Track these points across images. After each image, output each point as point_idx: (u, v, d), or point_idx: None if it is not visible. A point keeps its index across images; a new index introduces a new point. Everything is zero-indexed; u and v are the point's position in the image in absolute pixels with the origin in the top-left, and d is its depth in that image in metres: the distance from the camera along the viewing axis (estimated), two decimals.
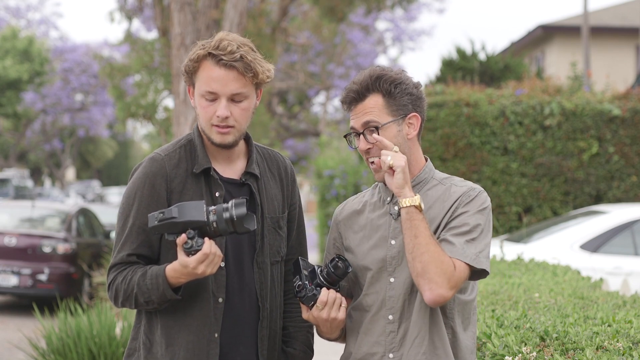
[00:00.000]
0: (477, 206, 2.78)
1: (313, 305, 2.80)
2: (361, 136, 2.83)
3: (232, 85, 2.83)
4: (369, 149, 2.82)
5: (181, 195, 2.85)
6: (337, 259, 2.80)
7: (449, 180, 2.87)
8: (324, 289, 2.80)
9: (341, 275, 2.80)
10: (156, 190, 2.85)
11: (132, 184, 2.89)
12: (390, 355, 2.79)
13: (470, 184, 2.85)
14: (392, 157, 2.74)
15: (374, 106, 2.81)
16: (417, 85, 2.86)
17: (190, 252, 2.67)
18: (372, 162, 2.83)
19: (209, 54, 2.83)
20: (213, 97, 2.84)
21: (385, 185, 2.86)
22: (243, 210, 2.67)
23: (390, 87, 2.81)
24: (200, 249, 2.67)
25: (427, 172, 2.88)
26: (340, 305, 2.81)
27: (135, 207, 2.85)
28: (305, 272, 2.83)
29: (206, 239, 2.68)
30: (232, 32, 2.95)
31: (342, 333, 2.91)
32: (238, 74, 2.83)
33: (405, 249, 2.73)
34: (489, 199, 2.83)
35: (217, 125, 2.85)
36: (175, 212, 2.67)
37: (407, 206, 2.71)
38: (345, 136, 2.93)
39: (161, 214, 2.68)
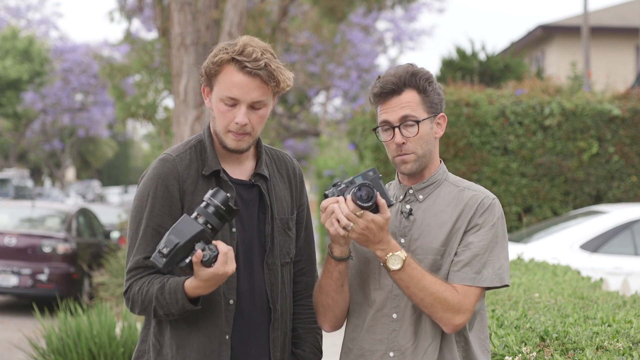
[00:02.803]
0: (492, 218, 2.79)
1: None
2: (396, 130, 2.82)
3: (254, 93, 2.80)
4: (404, 143, 2.83)
5: (193, 196, 2.82)
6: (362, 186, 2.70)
7: (462, 182, 2.89)
8: (332, 198, 2.73)
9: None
10: (169, 190, 2.82)
11: (144, 185, 2.85)
12: (391, 354, 2.79)
13: (483, 190, 2.86)
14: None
15: (410, 101, 2.82)
16: (440, 86, 2.91)
17: (210, 262, 2.63)
18: (402, 155, 2.83)
19: (233, 59, 2.79)
20: (233, 102, 2.81)
21: (400, 182, 2.90)
22: (222, 194, 2.64)
23: (425, 84, 2.83)
24: (218, 253, 2.64)
25: (440, 174, 2.89)
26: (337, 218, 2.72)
27: (148, 208, 2.81)
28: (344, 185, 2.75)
29: (214, 242, 2.66)
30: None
31: (345, 257, 2.83)
32: (261, 82, 2.80)
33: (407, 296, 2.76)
34: (501, 207, 2.85)
35: (233, 132, 2.83)
36: (175, 239, 2.61)
37: (396, 269, 2.70)
38: (374, 129, 2.91)
39: (164, 248, 2.61)
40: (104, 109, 42.28)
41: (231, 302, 2.83)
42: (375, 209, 2.67)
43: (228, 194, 2.67)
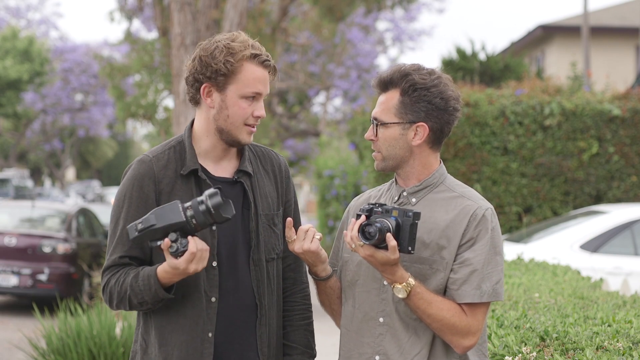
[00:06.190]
0: (486, 230, 2.75)
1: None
2: (371, 125, 2.83)
3: (269, 85, 2.90)
4: (373, 140, 2.84)
5: (170, 196, 2.85)
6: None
7: (458, 188, 2.84)
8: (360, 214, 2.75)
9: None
10: (144, 192, 2.86)
11: (122, 186, 2.91)
12: (377, 358, 2.79)
13: (478, 199, 2.81)
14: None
15: (387, 101, 2.80)
16: (445, 97, 2.77)
17: (177, 254, 2.68)
18: (373, 152, 2.86)
19: (253, 54, 2.84)
20: (255, 97, 2.87)
21: (397, 182, 2.88)
22: (218, 199, 2.66)
23: (409, 89, 2.77)
24: (187, 249, 2.67)
25: (436, 177, 2.83)
26: (313, 238, 2.82)
27: (125, 209, 2.86)
28: None
29: (189, 237, 2.68)
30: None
31: (331, 273, 2.90)
32: (270, 75, 2.90)
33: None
34: (496, 217, 2.81)
35: (250, 125, 2.88)
36: (153, 220, 2.67)
37: (401, 297, 2.70)
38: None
39: (140, 224, 2.68)
40: (104, 109, 42.29)
41: (213, 299, 2.85)
42: (385, 247, 2.66)
43: (222, 200, 2.67)
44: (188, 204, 2.68)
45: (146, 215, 2.69)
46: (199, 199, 2.67)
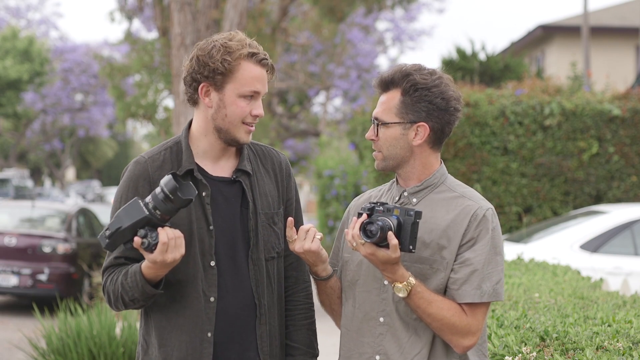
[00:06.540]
0: (487, 231, 2.74)
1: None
2: (372, 125, 2.83)
3: (266, 84, 2.90)
4: (374, 140, 2.84)
5: None
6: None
7: (459, 188, 2.84)
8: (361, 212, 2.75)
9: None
10: (139, 192, 2.86)
11: (119, 187, 2.93)
12: (377, 357, 2.79)
13: (479, 199, 2.81)
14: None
15: (388, 101, 2.80)
16: (446, 97, 2.77)
17: (150, 249, 2.68)
18: (374, 151, 2.86)
19: (250, 53, 2.84)
20: (253, 96, 2.87)
21: (397, 182, 2.88)
22: (172, 183, 2.65)
23: (410, 89, 2.77)
24: (158, 241, 2.67)
25: (436, 177, 2.83)
26: (314, 237, 2.82)
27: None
28: None
29: (159, 229, 2.68)
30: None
31: (331, 273, 2.90)
32: (268, 74, 2.90)
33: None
34: (496, 217, 2.81)
35: (248, 124, 2.88)
36: (118, 222, 2.68)
37: (402, 297, 2.70)
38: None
39: (107, 230, 2.69)
40: (104, 109, 42.30)
41: (212, 299, 2.84)
42: (386, 245, 2.66)
43: (176, 184, 2.66)
44: (148, 197, 2.68)
45: (111, 220, 2.70)
46: (157, 189, 2.68)
